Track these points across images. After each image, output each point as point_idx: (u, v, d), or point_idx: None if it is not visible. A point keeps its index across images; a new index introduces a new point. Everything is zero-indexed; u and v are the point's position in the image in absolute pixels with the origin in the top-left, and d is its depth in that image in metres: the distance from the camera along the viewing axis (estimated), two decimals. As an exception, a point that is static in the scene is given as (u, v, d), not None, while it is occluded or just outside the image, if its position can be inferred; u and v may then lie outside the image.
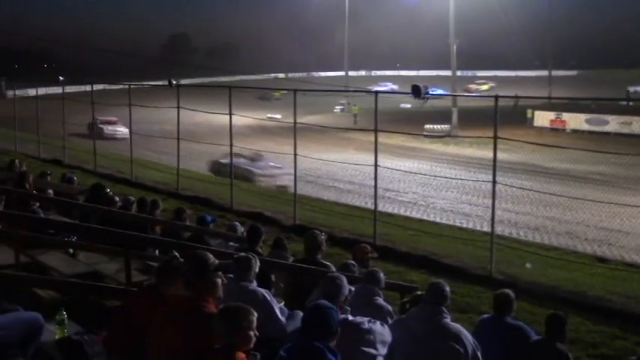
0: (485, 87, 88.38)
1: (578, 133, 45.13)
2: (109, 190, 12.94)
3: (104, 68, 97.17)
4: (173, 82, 20.14)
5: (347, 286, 5.62)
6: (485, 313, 7.37)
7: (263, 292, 5.75)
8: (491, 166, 12.92)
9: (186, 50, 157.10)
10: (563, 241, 17.05)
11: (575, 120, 47.21)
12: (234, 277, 5.75)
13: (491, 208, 12.89)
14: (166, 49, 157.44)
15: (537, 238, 17.36)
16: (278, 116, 46.39)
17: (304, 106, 19.32)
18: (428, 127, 46.56)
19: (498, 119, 12.67)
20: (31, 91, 29.95)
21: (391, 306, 6.66)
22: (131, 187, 19.85)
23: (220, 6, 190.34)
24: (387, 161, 17.97)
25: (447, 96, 56.26)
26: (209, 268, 4.84)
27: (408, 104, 66.80)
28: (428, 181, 24.90)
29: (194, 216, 12.77)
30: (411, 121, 46.09)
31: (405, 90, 55.09)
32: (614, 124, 44.52)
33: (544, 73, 79.66)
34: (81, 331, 5.72)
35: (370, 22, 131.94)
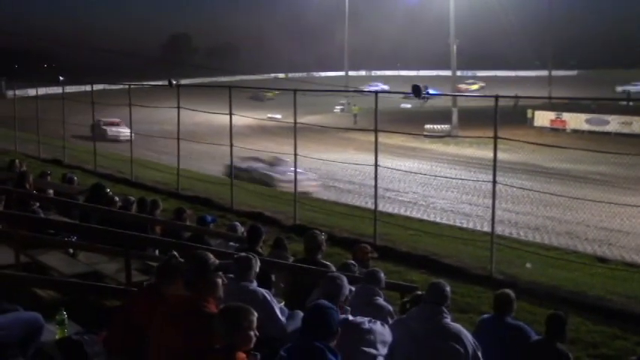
0: (475, 87, 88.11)
1: (579, 133, 45.12)
2: (109, 190, 12.93)
3: (104, 68, 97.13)
4: (173, 82, 20.16)
5: (347, 286, 5.62)
6: (485, 313, 7.37)
7: (263, 292, 5.75)
8: (491, 166, 12.92)
9: (186, 50, 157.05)
10: (563, 241, 17.05)
11: (576, 120, 47.19)
12: (235, 277, 5.75)
13: (491, 208, 12.88)
14: (166, 49, 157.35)
15: (537, 238, 17.36)
16: (278, 116, 46.40)
17: (304, 106, 19.30)
18: (428, 127, 46.57)
19: (498, 119, 12.67)
20: (31, 91, 29.94)
21: (391, 306, 6.66)
22: (131, 187, 19.84)
23: (220, 6, 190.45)
24: (387, 161, 17.96)
25: (441, 95, 56.22)
26: (209, 268, 4.84)
27: (408, 104, 66.88)
28: (428, 181, 24.91)
29: (194, 216, 12.76)
30: (411, 121, 46.13)
31: (398, 89, 55.35)
32: (615, 124, 44.48)
33: (544, 73, 79.66)
34: (81, 331, 5.72)
35: (370, 22, 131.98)
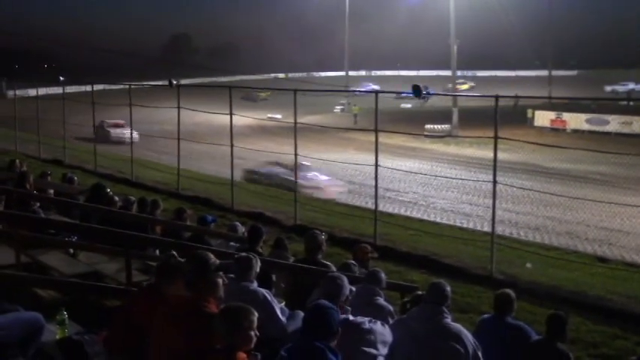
0: (465, 86, 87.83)
1: (579, 133, 45.12)
2: (110, 190, 12.93)
3: (104, 68, 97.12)
4: (173, 82, 20.15)
5: (348, 286, 5.62)
6: (485, 313, 7.37)
7: (264, 292, 5.75)
8: (491, 166, 12.92)
9: (186, 50, 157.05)
10: (563, 241, 17.06)
11: (576, 120, 47.18)
12: (235, 277, 5.75)
13: (491, 208, 12.89)
14: (167, 49, 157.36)
15: (538, 238, 17.37)
16: (278, 116, 46.43)
17: (304, 106, 19.28)
18: (428, 127, 46.60)
19: (498, 119, 12.67)
20: (32, 92, 29.90)
21: (392, 306, 6.65)
22: (131, 187, 19.84)
23: (221, 6, 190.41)
24: (387, 161, 17.95)
25: (435, 95, 55.97)
26: (210, 269, 4.84)
27: (408, 104, 66.88)
28: (428, 181, 24.93)
29: (195, 216, 12.76)
30: (411, 121, 46.19)
31: (398, 90, 55.15)
32: (615, 123, 44.48)
33: (544, 73, 79.63)
34: (81, 331, 5.72)
35: (371, 22, 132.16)
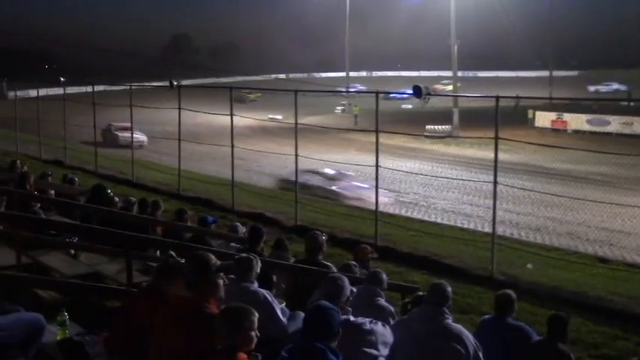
0: (451, 87, 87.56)
1: (580, 133, 45.06)
2: (110, 191, 12.92)
3: (105, 69, 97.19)
4: (174, 83, 20.16)
5: (348, 287, 5.61)
6: (486, 314, 7.37)
7: (264, 292, 5.75)
8: (492, 166, 12.92)
9: (187, 51, 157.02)
10: (564, 242, 17.03)
11: (577, 120, 47.10)
12: (236, 277, 5.75)
13: (492, 208, 12.89)
14: (167, 50, 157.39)
15: (538, 239, 17.34)
16: (279, 117, 46.46)
17: (305, 106, 19.29)
18: (429, 127, 46.52)
19: (499, 120, 12.67)
20: (32, 92, 29.90)
21: (393, 307, 6.65)
22: (132, 187, 19.86)
23: (221, 6, 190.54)
24: (388, 162, 17.96)
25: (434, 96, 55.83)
26: (211, 269, 4.84)
27: (409, 105, 66.81)
28: (429, 181, 24.90)
29: (195, 217, 12.77)
30: (412, 122, 46.13)
31: (398, 90, 55.06)
32: (616, 124, 44.42)
33: (545, 73, 79.52)
34: (82, 332, 5.72)
35: (372, 22, 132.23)
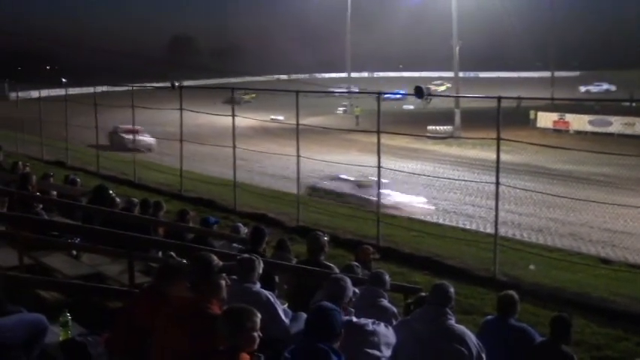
0: (442, 87, 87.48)
1: (582, 134, 45.05)
2: (112, 191, 12.91)
3: (107, 70, 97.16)
4: (175, 84, 20.18)
5: (351, 288, 5.60)
6: (489, 315, 7.35)
7: (266, 293, 5.74)
8: (494, 167, 12.92)
9: (188, 51, 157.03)
10: (566, 243, 17.03)
11: (579, 121, 47.08)
12: (238, 278, 5.74)
13: (494, 209, 12.87)
14: (169, 51, 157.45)
15: (541, 240, 17.34)
16: (281, 118, 46.50)
17: (306, 107, 19.30)
18: (431, 128, 46.57)
19: (501, 120, 12.66)
20: (34, 93, 29.94)
21: (395, 307, 6.64)
22: (134, 188, 19.86)
23: (223, 7, 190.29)
24: (390, 162, 17.96)
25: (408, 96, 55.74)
26: (213, 270, 4.83)
27: (410, 105, 66.85)
28: (431, 182, 24.88)
29: (197, 217, 12.78)
30: (413, 123, 46.14)
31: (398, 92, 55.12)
32: (618, 125, 44.41)
33: (546, 74, 79.54)
34: (84, 333, 5.71)
35: (373, 23, 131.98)
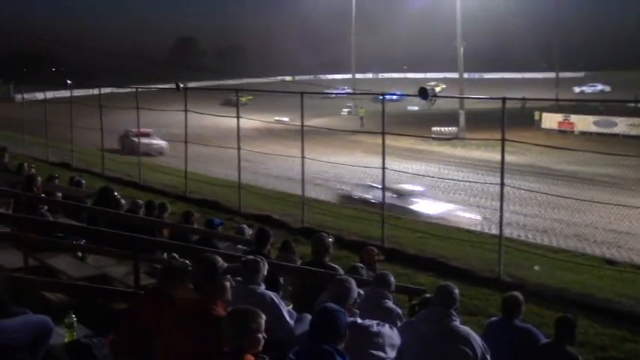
0: (437, 89, 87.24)
1: (587, 135, 44.99)
2: (117, 193, 12.93)
3: (112, 71, 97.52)
4: (180, 86, 20.20)
5: (356, 289, 5.60)
6: (493, 316, 7.35)
7: (271, 294, 5.75)
8: (498, 168, 12.89)
9: (193, 53, 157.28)
10: (571, 244, 17.01)
11: (584, 122, 47.03)
12: (243, 280, 5.74)
13: (499, 210, 12.86)
14: (174, 52, 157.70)
15: (546, 241, 17.34)
16: (285, 119, 46.53)
17: (311, 108, 19.32)
18: (435, 129, 46.57)
19: (506, 121, 12.65)
20: (39, 95, 29.98)
21: (400, 309, 6.64)
22: (139, 190, 19.87)
23: (228, 9, 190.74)
24: (394, 164, 17.94)
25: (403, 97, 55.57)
26: (218, 272, 4.84)
27: (415, 107, 66.81)
28: (436, 183, 24.86)
29: (202, 219, 12.78)
30: (418, 124, 46.11)
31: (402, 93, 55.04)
32: (623, 125, 44.36)
33: (551, 74, 79.42)
34: (90, 334, 5.72)
35: (378, 24, 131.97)
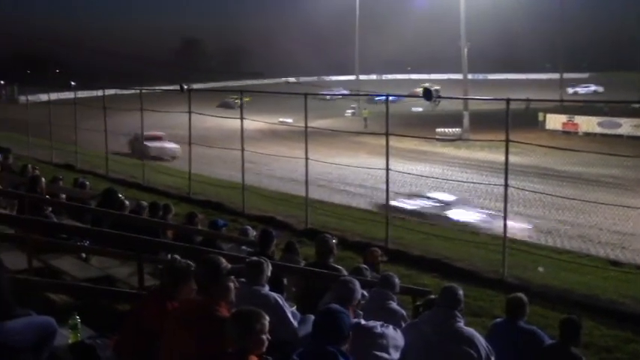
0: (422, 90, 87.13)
1: (591, 136, 44.88)
2: (121, 194, 12.94)
3: (116, 73, 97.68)
4: (184, 87, 20.22)
5: (359, 290, 5.60)
6: (498, 317, 7.33)
7: (275, 296, 5.75)
8: (502, 169, 12.88)
9: (197, 55, 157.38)
10: (575, 245, 16.95)
11: (588, 123, 46.92)
12: (247, 281, 5.75)
13: (503, 211, 12.85)
14: (178, 54, 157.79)
15: (550, 242, 17.27)
16: (289, 120, 46.56)
17: (315, 110, 19.31)
18: (439, 130, 46.52)
19: (510, 122, 12.63)
20: (43, 97, 30.03)
21: (404, 310, 6.63)
22: (143, 191, 19.88)
23: (232, 10, 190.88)
24: (398, 165, 17.93)
25: (400, 100, 55.62)
26: (221, 273, 4.84)
27: (419, 108, 66.73)
28: (440, 184, 24.83)
29: (206, 220, 12.79)
30: (422, 125, 46.05)
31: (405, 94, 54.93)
32: (627, 126, 44.23)
33: (555, 75, 79.30)
34: (94, 336, 5.73)
35: (382, 25, 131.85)
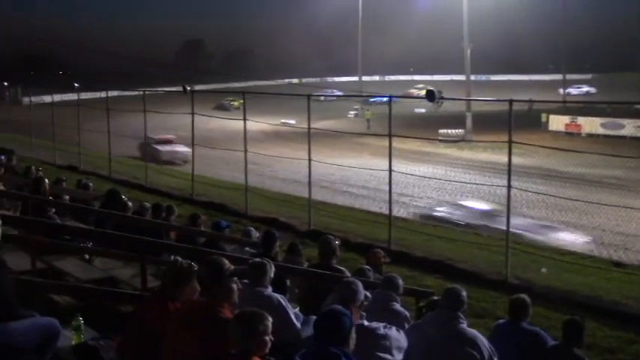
0: (423, 92, 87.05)
1: (594, 137, 44.85)
2: (124, 196, 12.95)
3: (119, 74, 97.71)
4: (187, 89, 20.25)
5: (362, 291, 5.61)
6: (500, 318, 7.34)
7: (278, 297, 5.76)
8: (505, 170, 12.87)
9: (200, 56, 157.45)
10: (578, 246, 16.92)
11: (591, 124, 46.89)
12: (250, 282, 5.76)
13: (506, 212, 12.84)
14: (181, 55, 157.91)
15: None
16: (292, 122, 46.56)
17: (318, 111, 19.33)
18: (442, 131, 46.51)
19: (513, 124, 12.63)
20: (47, 98, 30.05)
21: (407, 311, 6.63)
22: (146, 192, 19.89)
23: (235, 12, 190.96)
24: (401, 166, 17.94)
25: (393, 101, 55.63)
26: (225, 274, 4.85)
27: (422, 109, 66.71)
28: (442, 185, 24.84)
29: (209, 222, 12.79)
30: (425, 126, 46.05)
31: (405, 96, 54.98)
32: (630, 127, 44.17)
33: (558, 76, 79.19)
34: (97, 337, 5.73)
35: (384, 27, 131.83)
